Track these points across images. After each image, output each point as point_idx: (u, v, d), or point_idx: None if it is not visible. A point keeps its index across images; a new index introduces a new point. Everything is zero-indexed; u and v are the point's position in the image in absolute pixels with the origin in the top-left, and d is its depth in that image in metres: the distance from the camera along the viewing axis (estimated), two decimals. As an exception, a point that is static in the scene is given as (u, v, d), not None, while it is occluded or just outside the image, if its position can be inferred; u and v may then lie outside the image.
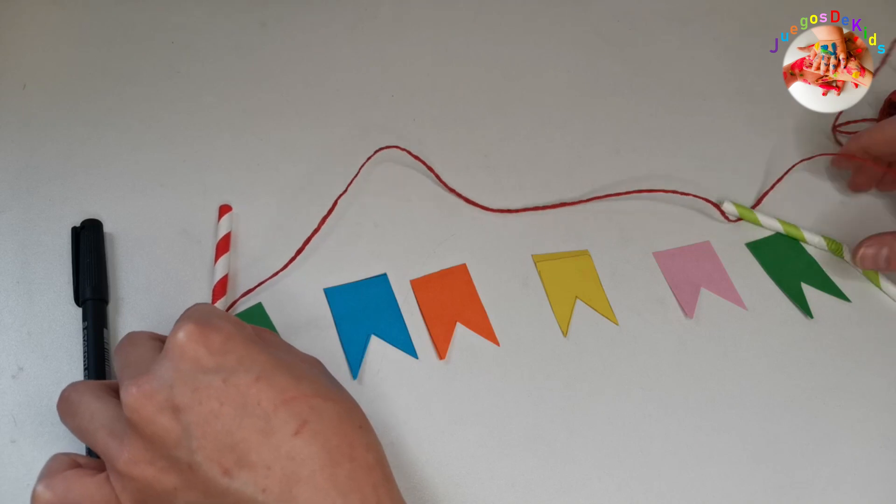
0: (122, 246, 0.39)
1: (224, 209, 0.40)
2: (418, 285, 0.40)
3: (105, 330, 0.35)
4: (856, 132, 0.47)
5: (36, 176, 0.41)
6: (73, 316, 0.36)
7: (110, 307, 0.37)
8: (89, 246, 0.37)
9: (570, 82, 0.50)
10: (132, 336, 0.31)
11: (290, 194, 0.42)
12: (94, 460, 0.30)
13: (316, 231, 0.39)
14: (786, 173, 0.46)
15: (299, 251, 0.39)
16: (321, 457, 0.27)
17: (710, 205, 0.44)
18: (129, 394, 0.27)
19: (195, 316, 0.29)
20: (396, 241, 0.41)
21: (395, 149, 0.44)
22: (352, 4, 0.51)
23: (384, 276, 0.40)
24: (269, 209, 0.41)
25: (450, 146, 0.46)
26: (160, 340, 0.30)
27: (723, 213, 0.45)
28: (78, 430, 0.29)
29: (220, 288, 0.37)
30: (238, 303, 0.38)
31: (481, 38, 0.51)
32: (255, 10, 0.50)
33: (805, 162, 0.47)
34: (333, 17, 0.51)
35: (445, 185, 0.43)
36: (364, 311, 0.39)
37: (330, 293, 0.39)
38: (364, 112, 0.46)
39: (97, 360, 0.34)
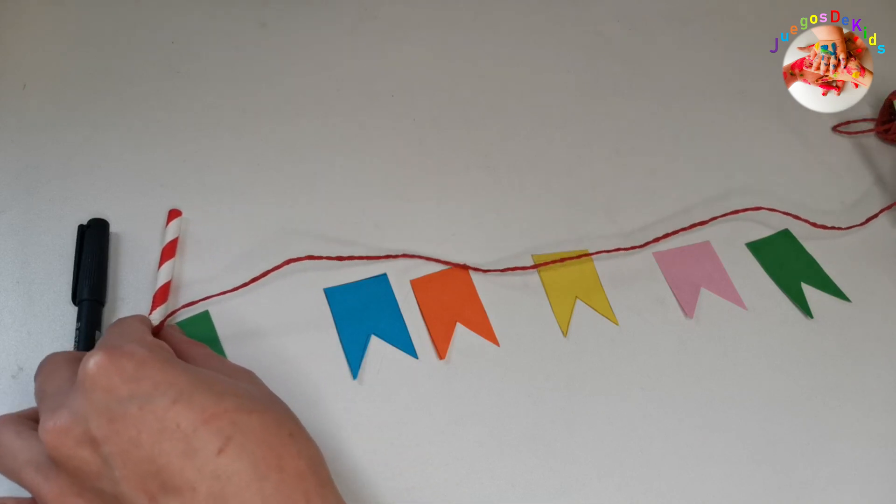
0: (122, 246, 0.39)
1: (173, 213, 0.40)
2: (418, 285, 0.40)
3: (97, 332, 0.35)
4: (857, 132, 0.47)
5: (36, 176, 0.41)
6: (73, 316, 0.36)
7: (108, 307, 0.37)
8: (92, 245, 0.37)
9: (570, 82, 0.50)
10: (51, 360, 0.30)
11: (291, 195, 0.42)
12: (24, 499, 0.29)
13: (276, 268, 0.37)
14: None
15: (255, 279, 0.37)
16: (247, 472, 0.26)
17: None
18: (46, 431, 0.26)
19: (106, 343, 0.28)
20: (396, 242, 0.41)
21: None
22: (352, 4, 0.51)
23: (384, 276, 0.40)
24: (269, 209, 0.41)
25: (450, 146, 0.46)
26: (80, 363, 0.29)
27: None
28: (3, 470, 0.28)
29: (161, 295, 0.36)
30: (181, 311, 0.37)
31: (481, 38, 0.51)
32: (255, 10, 0.50)
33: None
34: (333, 17, 0.51)
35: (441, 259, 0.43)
36: (364, 311, 0.39)
37: (330, 293, 0.39)
38: (364, 112, 0.46)
39: None
